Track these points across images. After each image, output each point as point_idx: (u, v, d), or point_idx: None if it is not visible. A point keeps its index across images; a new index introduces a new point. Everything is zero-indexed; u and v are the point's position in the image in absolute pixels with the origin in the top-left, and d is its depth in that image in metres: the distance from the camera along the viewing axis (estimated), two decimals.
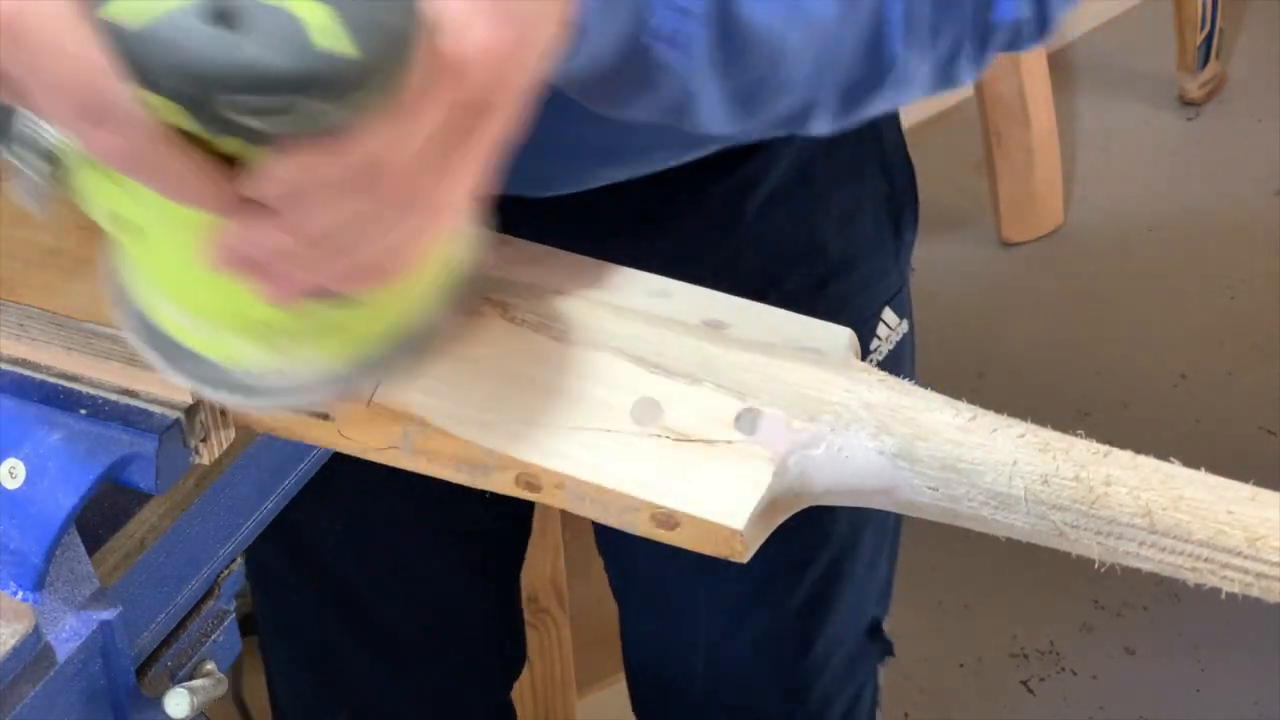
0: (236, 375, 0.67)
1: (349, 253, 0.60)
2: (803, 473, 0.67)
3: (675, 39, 0.71)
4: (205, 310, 0.65)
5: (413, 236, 0.61)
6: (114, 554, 0.75)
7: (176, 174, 0.56)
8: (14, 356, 0.73)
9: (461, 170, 0.60)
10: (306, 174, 0.56)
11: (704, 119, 0.78)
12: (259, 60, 0.53)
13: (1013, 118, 2.61)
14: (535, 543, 1.62)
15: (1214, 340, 2.49)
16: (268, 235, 0.58)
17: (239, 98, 0.53)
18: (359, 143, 0.56)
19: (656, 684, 1.34)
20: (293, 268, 0.60)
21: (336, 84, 0.54)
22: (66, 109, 0.55)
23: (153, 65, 0.54)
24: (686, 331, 0.72)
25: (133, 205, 0.63)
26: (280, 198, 0.57)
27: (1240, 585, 0.62)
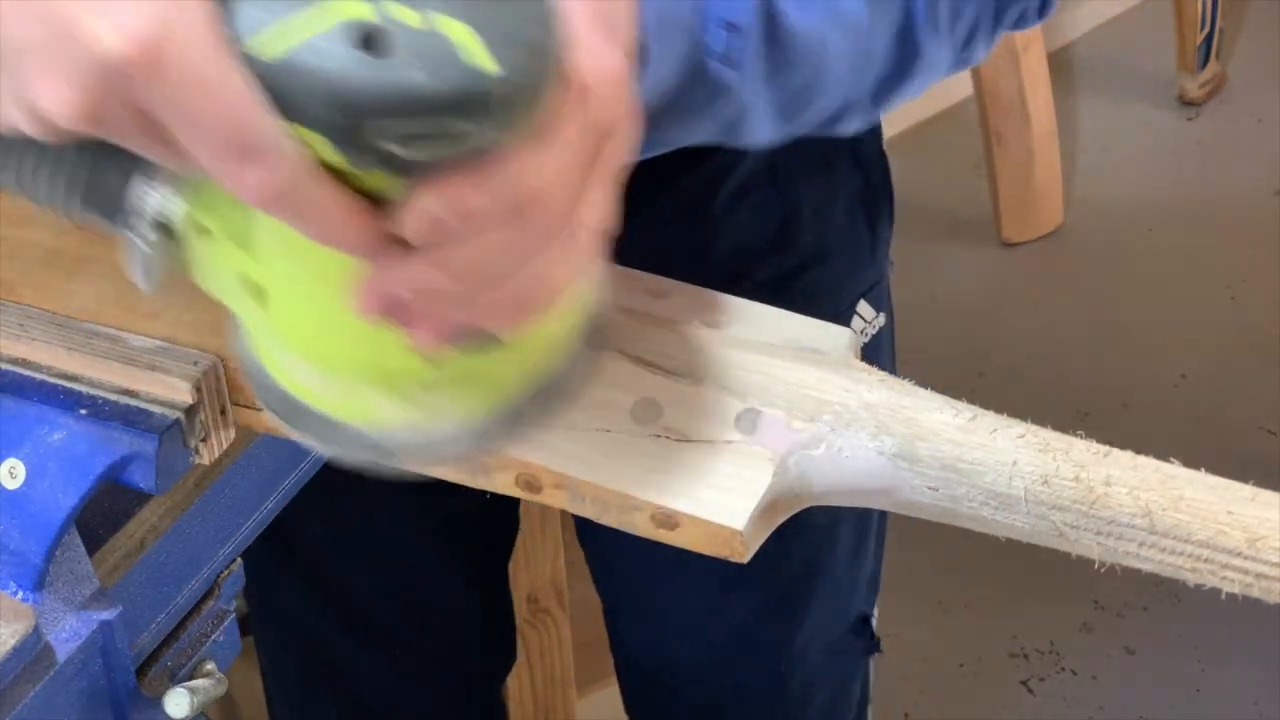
0: (374, 436, 0.64)
1: (498, 287, 0.57)
2: (803, 473, 0.67)
3: (730, 57, 0.71)
4: (342, 367, 0.63)
5: (559, 266, 0.59)
6: (114, 554, 0.75)
7: (326, 210, 0.54)
8: (14, 356, 0.73)
9: (597, 195, 0.58)
10: (457, 204, 0.54)
11: (754, 132, 0.77)
12: (411, 82, 0.51)
13: (1013, 118, 2.61)
14: (535, 543, 1.62)
15: (1214, 340, 2.49)
16: (419, 273, 0.56)
17: (391, 122, 0.52)
18: (508, 168, 0.54)
19: (642, 673, 1.34)
20: (443, 307, 0.57)
21: (490, 103, 0.52)
22: (214, 146, 0.53)
23: (300, 95, 0.52)
24: (686, 331, 0.72)
25: (273, 268, 0.61)
26: (430, 231, 0.55)
27: (1240, 585, 0.62)
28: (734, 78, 0.71)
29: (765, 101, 0.75)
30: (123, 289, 0.71)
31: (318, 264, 0.58)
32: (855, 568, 1.25)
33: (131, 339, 0.73)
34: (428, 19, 0.52)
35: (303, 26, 0.51)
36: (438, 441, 0.64)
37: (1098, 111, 2.97)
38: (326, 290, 0.59)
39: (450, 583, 1.31)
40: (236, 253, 0.61)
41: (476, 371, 0.63)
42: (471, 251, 0.56)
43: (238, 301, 0.63)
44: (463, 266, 0.56)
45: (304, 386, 0.64)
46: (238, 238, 0.61)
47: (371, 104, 0.51)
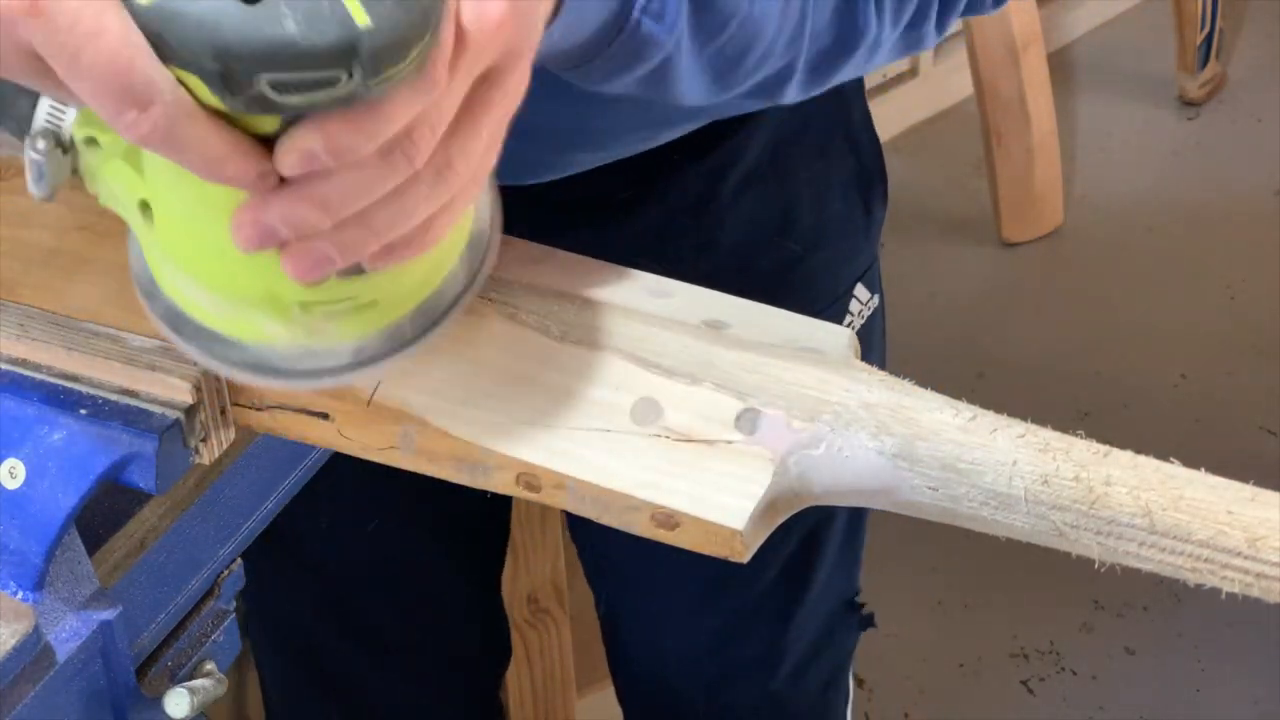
0: (266, 356, 0.66)
1: (379, 226, 0.60)
2: (803, 473, 0.67)
3: (659, 11, 0.72)
4: (234, 290, 0.65)
5: (443, 209, 0.61)
6: (114, 554, 0.75)
7: (213, 152, 0.56)
8: (14, 356, 0.73)
9: (484, 143, 0.60)
10: (328, 140, 0.56)
11: (683, 91, 0.79)
12: (285, 33, 0.53)
13: (1013, 118, 2.61)
14: (535, 543, 1.62)
15: (1214, 340, 2.49)
16: (296, 209, 0.58)
17: (281, 75, 0.54)
18: (390, 115, 0.56)
19: (636, 663, 1.35)
20: (323, 244, 0.60)
21: (362, 54, 0.54)
22: (106, 92, 0.55)
23: (179, 40, 0.53)
24: (686, 331, 0.72)
25: (159, 191, 0.63)
26: (301, 164, 0.57)
27: (1240, 585, 0.62)
28: (659, 31, 0.73)
29: (695, 60, 0.77)
30: (123, 289, 0.71)
31: (201, 190, 0.60)
32: (849, 546, 1.26)
33: (131, 339, 0.73)
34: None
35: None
36: (321, 359, 0.66)
37: (1098, 111, 2.97)
38: (210, 214, 0.61)
39: (447, 582, 1.32)
40: (125, 168, 0.63)
41: (354, 294, 0.65)
42: (339, 185, 0.58)
43: (127, 214, 0.65)
44: (331, 199, 0.58)
45: (192, 301, 0.66)
46: (125, 154, 0.62)
47: (246, 52, 0.53)
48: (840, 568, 1.26)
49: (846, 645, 1.34)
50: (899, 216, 2.80)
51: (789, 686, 1.29)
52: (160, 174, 0.62)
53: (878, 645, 2.08)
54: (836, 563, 1.25)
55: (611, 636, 1.35)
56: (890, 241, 2.68)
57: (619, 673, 1.38)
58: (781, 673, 1.28)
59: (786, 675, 1.28)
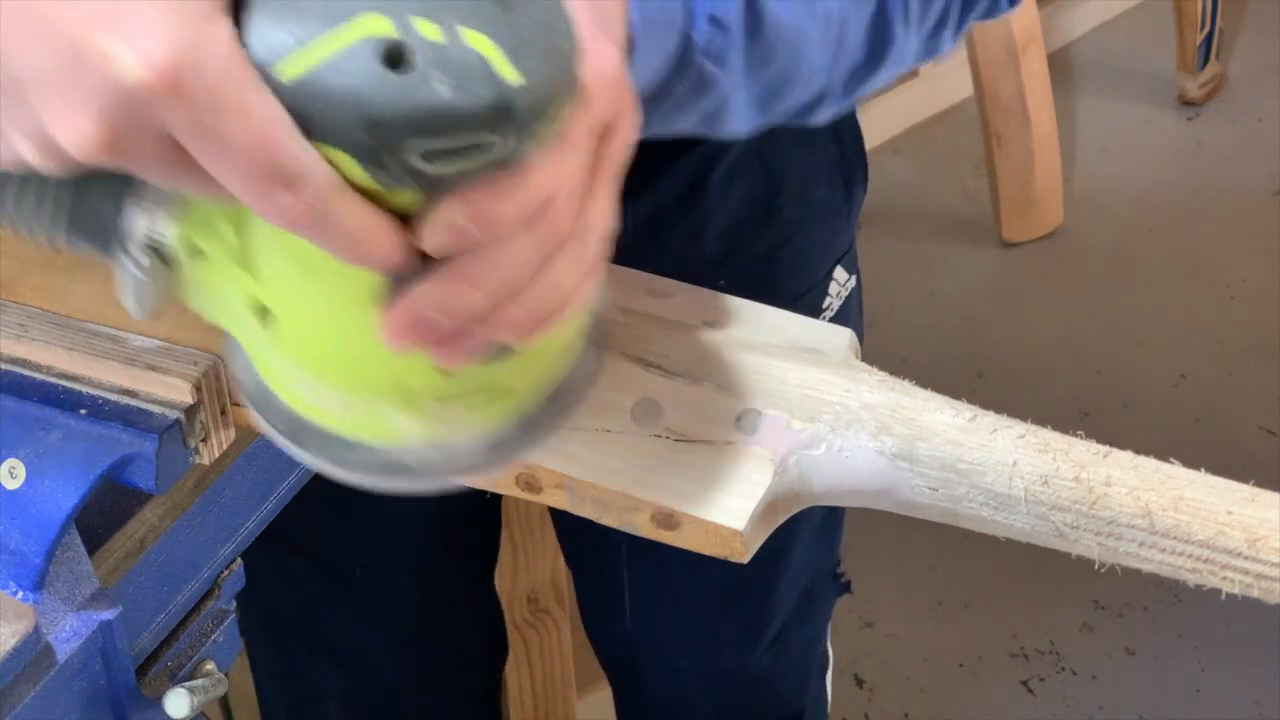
0: (395, 455, 0.63)
1: (526, 299, 0.57)
2: (803, 473, 0.67)
3: (714, 51, 0.71)
4: (356, 385, 0.61)
5: (572, 272, 0.58)
6: (114, 554, 0.75)
7: (355, 229, 0.53)
8: (14, 356, 0.73)
9: (601, 197, 0.58)
10: (479, 214, 0.53)
11: (733, 124, 0.77)
12: (437, 98, 0.50)
13: (1013, 118, 2.61)
14: (535, 543, 1.62)
15: (1214, 340, 2.49)
16: (452, 293, 0.55)
17: (418, 139, 0.51)
18: (536, 181, 0.54)
19: (618, 642, 1.36)
20: (468, 322, 0.56)
21: (515, 114, 0.51)
22: (242, 171, 0.51)
23: (325, 114, 0.51)
24: (686, 331, 0.72)
25: (281, 289, 0.59)
26: (453, 242, 0.54)
27: (1240, 586, 0.62)
28: (717, 71, 0.72)
29: (744, 93, 0.76)
30: None
31: (333, 281, 0.57)
32: (831, 519, 1.27)
33: (131, 339, 0.73)
34: (450, 32, 0.51)
35: (325, 44, 0.50)
36: (456, 454, 0.63)
37: (1098, 111, 2.97)
38: (342, 308, 0.58)
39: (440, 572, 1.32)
40: (238, 273, 0.60)
41: (492, 381, 0.62)
42: (494, 261, 0.55)
43: (238, 322, 0.62)
44: (486, 277, 0.55)
45: (314, 406, 0.63)
46: (238, 258, 0.60)
47: (398, 121, 0.50)
48: (821, 539, 1.27)
49: (825, 612, 1.35)
50: (899, 216, 2.82)
51: (771, 656, 1.31)
52: (282, 270, 0.59)
53: (878, 645, 2.09)
54: (818, 535, 1.26)
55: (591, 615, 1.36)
56: (890, 241, 2.68)
57: (601, 651, 1.39)
58: (764, 643, 1.29)
59: (769, 645, 1.30)
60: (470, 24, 0.51)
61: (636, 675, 1.37)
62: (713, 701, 1.34)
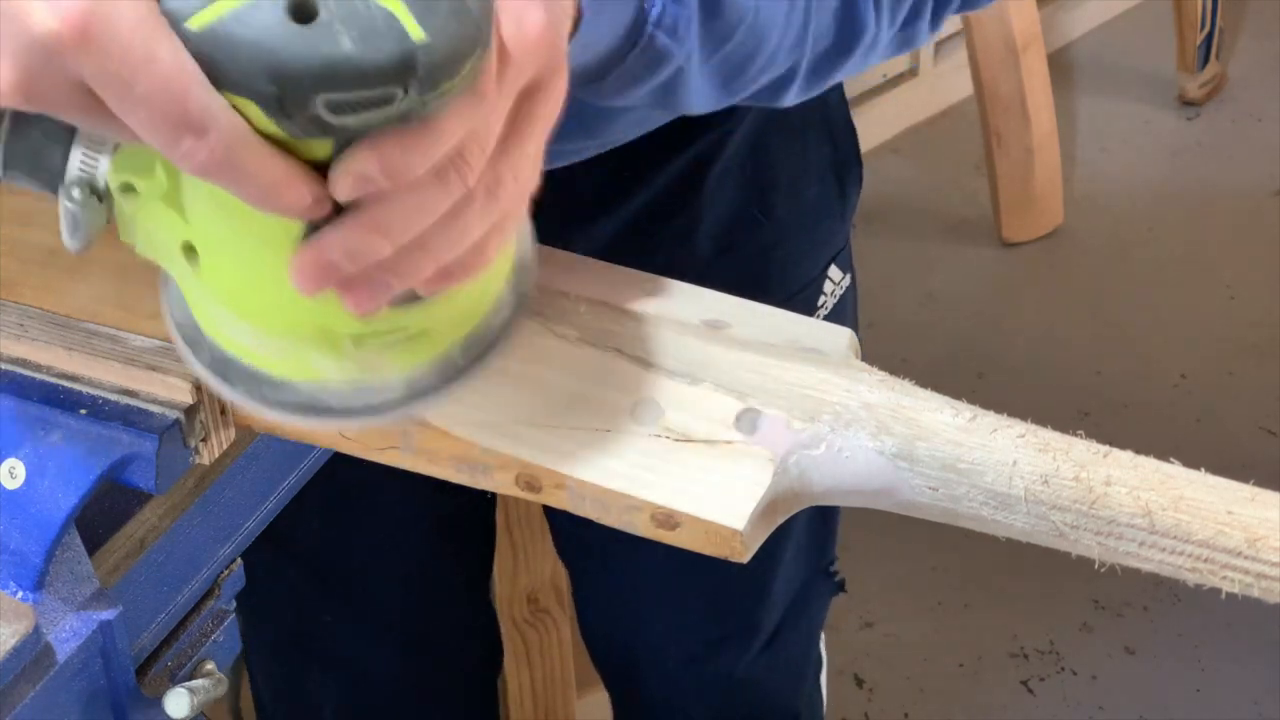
0: (318, 395, 0.65)
1: (436, 250, 0.59)
2: (803, 473, 0.67)
3: (668, 24, 0.72)
4: (285, 328, 0.63)
5: (495, 228, 0.60)
6: (114, 554, 0.75)
7: (270, 179, 0.55)
8: (14, 356, 0.73)
9: (518, 152, 0.60)
10: (385, 162, 0.55)
11: (692, 100, 0.79)
12: (341, 51, 0.52)
13: (1013, 118, 2.61)
14: (535, 543, 1.62)
15: (1214, 340, 2.49)
16: (357, 238, 0.57)
17: (322, 91, 0.52)
18: (444, 133, 0.55)
19: (616, 641, 1.36)
20: (375, 269, 0.58)
21: (418, 69, 0.53)
22: (152, 118, 0.53)
23: (232, 64, 0.52)
24: (686, 331, 0.72)
25: (205, 230, 0.61)
26: (359, 189, 0.56)
27: (1240, 585, 0.62)
28: (672, 44, 0.73)
29: (703, 69, 0.76)
30: (123, 289, 0.71)
31: (252, 225, 0.59)
32: (824, 518, 1.27)
33: (131, 339, 0.73)
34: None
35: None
36: (374, 395, 0.65)
37: (1098, 111, 2.97)
38: (260, 252, 0.60)
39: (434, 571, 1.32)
40: (166, 212, 0.61)
41: (407, 324, 0.64)
42: (400, 210, 0.57)
43: (168, 260, 0.64)
44: (391, 224, 0.57)
45: (240, 345, 0.65)
46: (166, 197, 0.61)
47: (302, 73, 0.52)
48: (814, 538, 1.27)
49: (820, 612, 1.35)
50: (899, 216, 2.82)
51: (766, 656, 1.31)
52: (206, 213, 0.60)
53: (878, 645, 2.09)
54: (811, 533, 1.26)
55: (587, 616, 1.37)
56: (890, 241, 2.68)
57: (597, 652, 1.39)
58: (758, 643, 1.30)
59: (763, 645, 1.30)
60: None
61: (632, 677, 1.37)
62: (708, 703, 1.34)
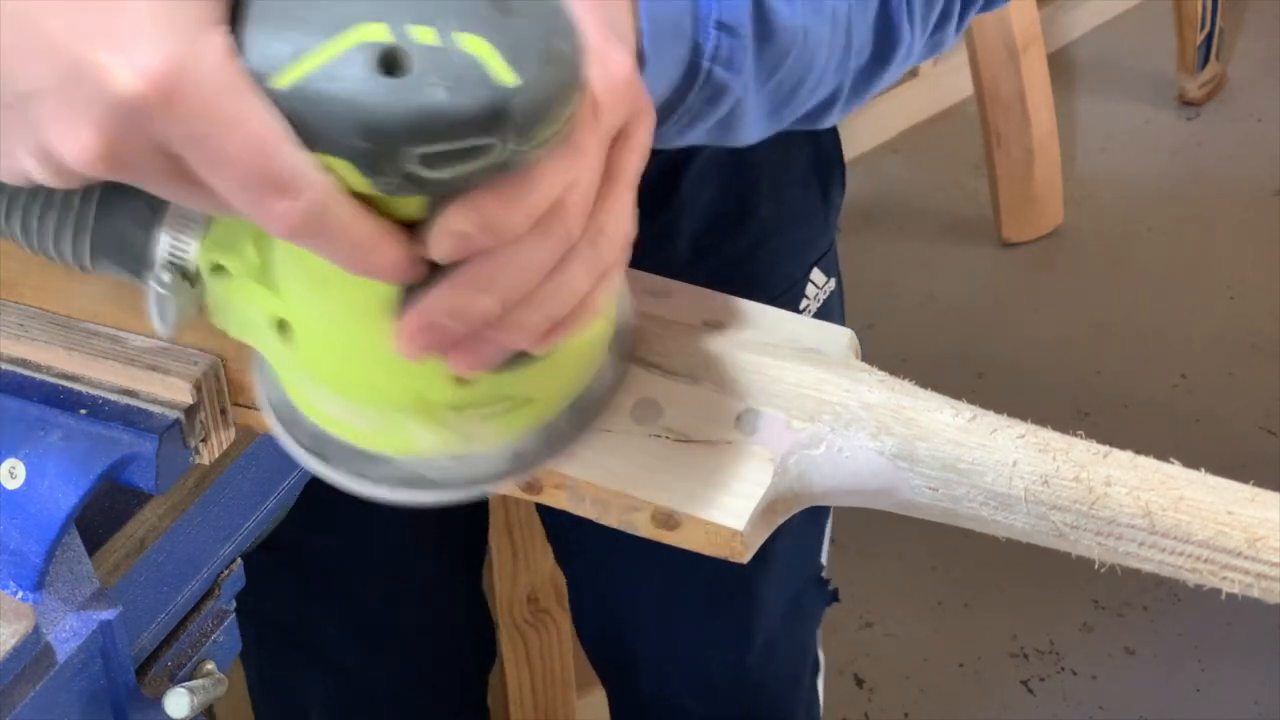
0: (418, 469, 0.63)
1: (539, 304, 0.57)
2: (803, 473, 0.67)
3: (724, 57, 0.70)
4: (374, 397, 0.61)
5: (586, 276, 0.58)
6: (114, 554, 0.75)
7: (356, 237, 0.53)
8: (14, 356, 0.73)
9: (615, 201, 0.58)
10: (483, 218, 0.53)
11: (747, 131, 0.77)
12: (433, 101, 0.50)
13: (1013, 118, 2.61)
14: (535, 543, 1.62)
15: (1214, 340, 2.49)
16: (463, 298, 0.55)
17: (416, 144, 0.51)
18: (543, 185, 0.54)
19: (610, 643, 1.36)
20: (479, 328, 0.56)
21: (513, 116, 0.51)
22: (240, 181, 0.51)
23: (322, 121, 0.51)
24: (686, 331, 0.72)
25: (299, 304, 0.60)
26: (459, 248, 0.54)
27: (1240, 585, 0.62)
28: (730, 78, 0.72)
29: (756, 99, 0.76)
30: (123, 289, 0.70)
31: (345, 294, 0.57)
32: (814, 524, 1.27)
33: (131, 339, 0.73)
34: (445, 36, 0.51)
35: (321, 52, 0.50)
36: (476, 465, 0.63)
37: (1098, 111, 2.97)
38: (355, 320, 0.58)
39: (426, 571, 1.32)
40: (258, 289, 0.60)
41: (509, 390, 0.62)
42: (503, 265, 0.55)
43: (261, 339, 0.62)
44: (496, 282, 0.55)
45: (337, 421, 0.63)
46: (257, 274, 0.60)
47: (394, 126, 0.50)
48: (804, 544, 1.27)
49: (814, 620, 1.35)
50: (899, 216, 2.82)
51: (761, 662, 1.31)
52: (298, 286, 0.59)
53: (878, 645, 2.09)
54: (800, 539, 1.26)
55: (583, 618, 1.37)
56: (890, 241, 2.68)
57: (594, 654, 1.40)
58: (753, 649, 1.30)
59: (758, 651, 1.30)
60: (466, 27, 0.51)
61: (628, 677, 1.38)
62: (703, 705, 1.34)
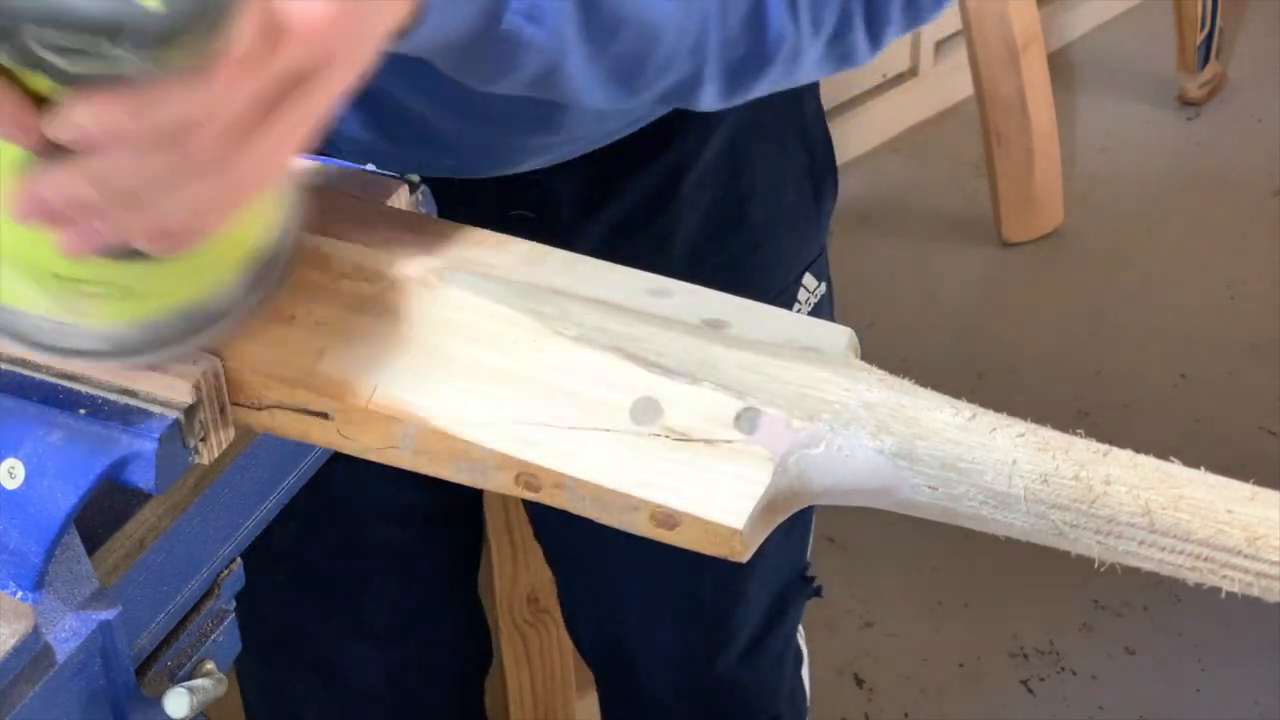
0: (22, 322, 0.68)
1: (149, 210, 0.60)
2: (802, 472, 0.67)
3: (535, 14, 0.72)
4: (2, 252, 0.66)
5: (218, 202, 0.62)
6: (114, 554, 0.75)
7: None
8: (14, 356, 0.73)
9: (278, 140, 0.60)
10: (107, 121, 0.57)
11: (580, 94, 0.79)
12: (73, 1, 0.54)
13: (1013, 118, 2.61)
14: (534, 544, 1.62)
15: (1214, 340, 2.49)
16: (65, 180, 0.59)
17: (45, 32, 0.54)
18: (166, 100, 0.57)
19: (598, 644, 1.36)
20: (91, 219, 0.60)
21: (142, 34, 0.55)
22: None
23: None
24: (686, 331, 0.72)
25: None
26: (79, 141, 0.58)
27: (1240, 585, 0.62)
28: (541, 35, 0.73)
29: (589, 64, 0.77)
30: None
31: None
32: (799, 521, 1.27)
33: None
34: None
35: None
36: (74, 338, 0.68)
37: (1098, 111, 2.97)
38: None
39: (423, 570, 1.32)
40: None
41: (115, 279, 0.66)
42: (123, 171, 0.59)
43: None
44: (105, 180, 0.59)
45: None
46: None
47: (27, 10, 0.54)
48: (788, 541, 1.27)
49: (797, 614, 1.36)
50: (899, 216, 2.82)
51: (745, 661, 1.31)
52: None
53: (878, 645, 2.09)
54: (784, 536, 1.26)
55: (570, 614, 1.37)
56: (890, 241, 2.68)
57: (582, 649, 1.40)
58: (738, 646, 1.30)
59: (742, 650, 1.30)
60: None
61: (616, 674, 1.38)
62: (689, 703, 1.34)
